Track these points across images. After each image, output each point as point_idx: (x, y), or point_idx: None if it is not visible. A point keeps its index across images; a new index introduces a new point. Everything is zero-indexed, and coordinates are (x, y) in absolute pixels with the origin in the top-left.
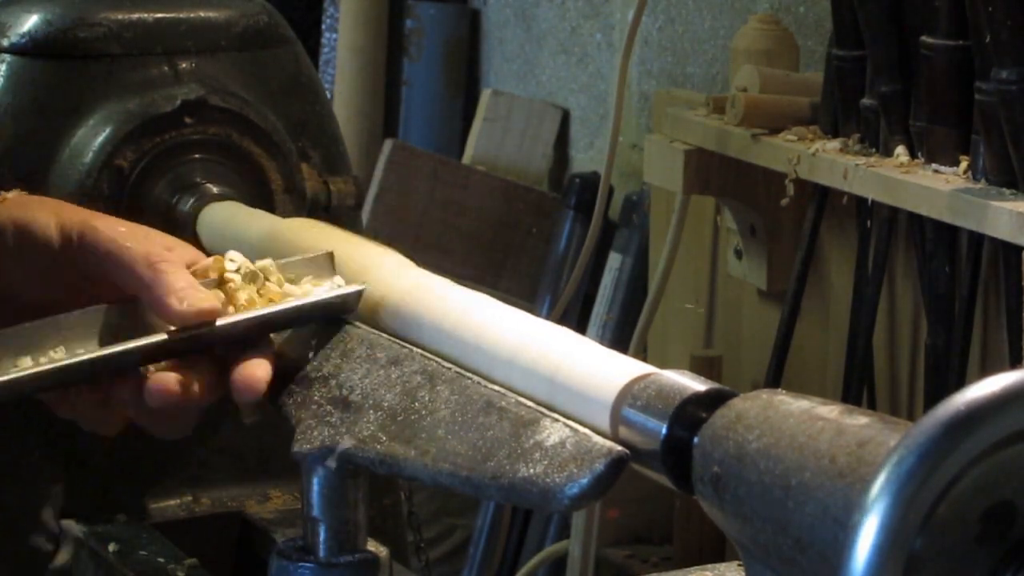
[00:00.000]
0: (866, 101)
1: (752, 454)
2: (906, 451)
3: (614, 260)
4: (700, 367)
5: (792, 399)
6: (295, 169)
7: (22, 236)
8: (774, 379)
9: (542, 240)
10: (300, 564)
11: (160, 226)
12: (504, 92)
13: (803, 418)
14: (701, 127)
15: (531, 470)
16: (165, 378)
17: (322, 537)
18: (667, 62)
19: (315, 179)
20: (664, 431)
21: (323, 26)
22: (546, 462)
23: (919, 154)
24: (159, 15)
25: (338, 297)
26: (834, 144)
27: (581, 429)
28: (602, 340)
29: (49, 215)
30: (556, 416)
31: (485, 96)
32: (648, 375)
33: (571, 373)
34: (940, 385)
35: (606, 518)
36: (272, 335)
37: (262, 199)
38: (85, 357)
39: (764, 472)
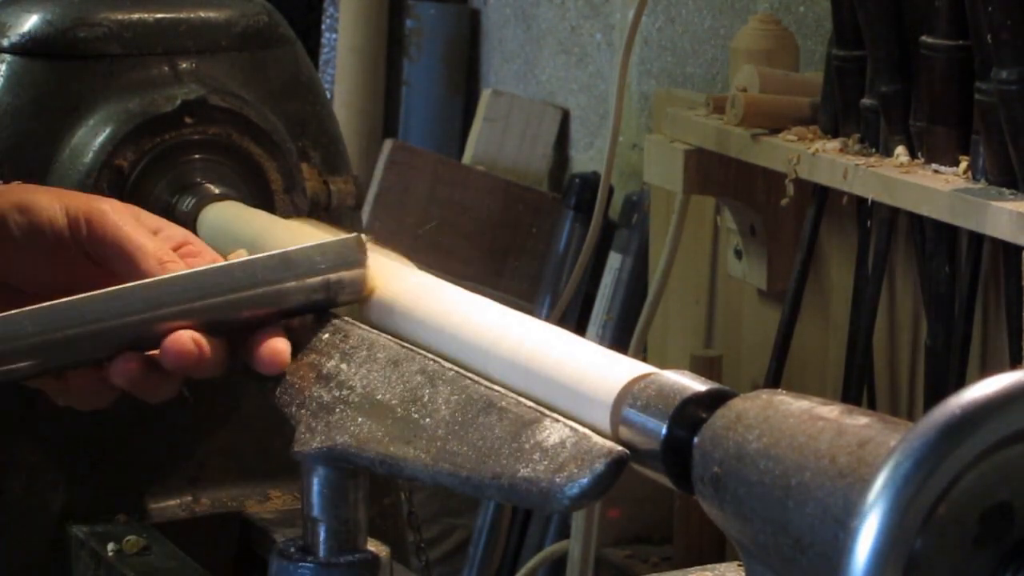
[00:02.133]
0: (866, 101)
1: (752, 454)
2: (905, 452)
3: (614, 260)
4: (700, 367)
5: (792, 399)
6: (295, 169)
7: (27, 220)
8: (774, 379)
9: (542, 240)
10: (300, 564)
11: None
12: (504, 92)
13: (803, 418)
14: (701, 127)
15: (531, 470)
16: (181, 338)
17: (322, 537)
18: (667, 62)
19: (315, 179)
20: (664, 431)
21: (323, 26)
22: (546, 462)
23: (919, 154)
24: (159, 15)
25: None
26: (834, 144)
27: (581, 429)
28: (602, 340)
29: (53, 199)
30: (556, 416)
31: (485, 96)
32: (648, 375)
33: (571, 373)
34: (940, 385)
35: (606, 518)
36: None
37: (262, 199)
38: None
39: (764, 472)
